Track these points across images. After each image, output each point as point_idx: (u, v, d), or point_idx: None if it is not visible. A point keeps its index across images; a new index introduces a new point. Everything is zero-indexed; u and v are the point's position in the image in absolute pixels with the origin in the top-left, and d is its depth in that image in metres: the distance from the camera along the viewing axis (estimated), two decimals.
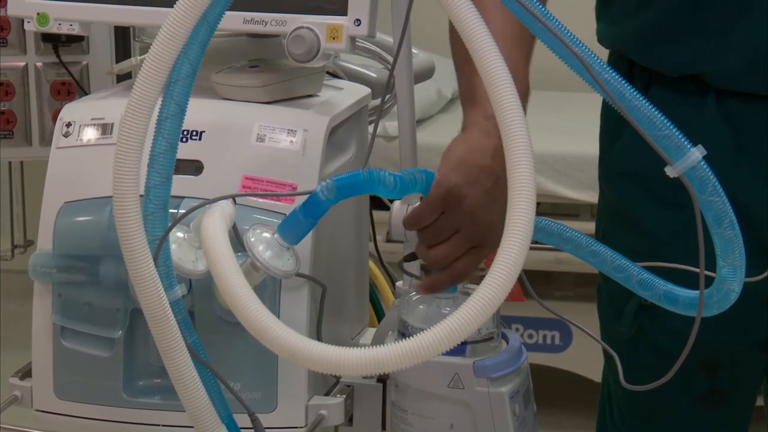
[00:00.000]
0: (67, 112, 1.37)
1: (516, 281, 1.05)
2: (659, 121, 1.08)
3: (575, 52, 1.08)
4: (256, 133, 1.31)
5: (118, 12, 1.37)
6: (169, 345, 1.13)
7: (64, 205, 1.32)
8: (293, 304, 1.28)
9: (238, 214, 1.21)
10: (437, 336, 1.03)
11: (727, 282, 1.13)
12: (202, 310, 1.27)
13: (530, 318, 3.26)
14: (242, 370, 1.28)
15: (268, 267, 1.17)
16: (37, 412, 1.35)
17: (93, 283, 1.29)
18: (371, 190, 1.17)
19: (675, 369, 1.16)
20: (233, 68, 1.38)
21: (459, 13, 1.06)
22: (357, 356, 1.04)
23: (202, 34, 1.12)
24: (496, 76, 1.06)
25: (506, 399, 1.25)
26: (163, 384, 1.27)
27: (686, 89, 1.45)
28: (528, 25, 1.09)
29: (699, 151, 1.08)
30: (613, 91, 1.08)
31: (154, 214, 1.13)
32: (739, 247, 1.11)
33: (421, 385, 1.27)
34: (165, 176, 1.13)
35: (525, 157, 1.05)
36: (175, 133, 1.13)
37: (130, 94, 1.09)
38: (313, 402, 1.31)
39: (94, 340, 1.30)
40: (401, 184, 1.18)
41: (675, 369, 1.16)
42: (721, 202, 1.09)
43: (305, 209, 1.17)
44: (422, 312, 1.27)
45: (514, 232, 1.04)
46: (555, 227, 1.30)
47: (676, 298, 1.21)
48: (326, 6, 1.30)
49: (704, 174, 1.08)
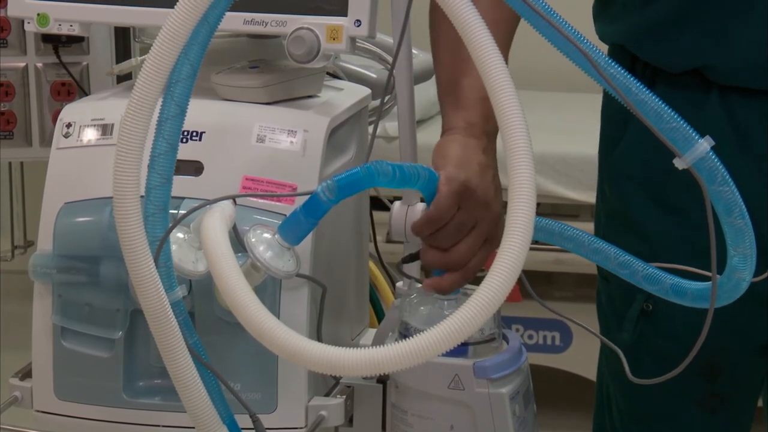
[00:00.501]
0: (68, 113, 1.37)
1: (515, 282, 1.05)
2: (666, 114, 1.08)
3: (581, 48, 1.08)
4: (257, 134, 1.31)
5: (118, 13, 1.37)
6: (170, 346, 1.13)
7: (64, 205, 1.32)
8: (293, 305, 1.28)
9: (239, 214, 1.21)
10: (437, 337, 1.03)
11: (738, 271, 1.13)
12: (203, 310, 1.27)
13: (530, 318, 3.25)
14: (242, 371, 1.28)
15: (268, 267, 1.17)
16: (37, 412, 1.35)
17: (93, 284, 1.29)
18: (373, 184, 1.17)
19: (684, 365, 1.16)
20: (233, 69, 1.38)
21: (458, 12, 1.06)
22: (357, 357, 1.04)
23: (203, 34, 1.12)
24: (497, 78, 1.05)
25: (506, 400, 1.25)
26: (164, 385, 1.27)
27: (689, 85, 1.45)
28: (531, 22, 1.09)
29: (707, 142, 1.08)
30: (619, 85, 1.08)
31: (154, 215, 1.13)
32: (750, 236, 1.11)
33: (421, 386, 1.27)
34: (165, 177, 1.13)
35: (525, 158, 1.05)
36: (176, 134, 1.13)
37: (131, 94, 1.09)
38: (313, 403, 1.31)
39: (94, 341, 1.30)
40: (401, 174, 1.17)
41: (684, 365, 1.16)
42: (731, 192, 1.09)
43: (306, 210, 1.17)
44: (424, 313, 1.27)
45: (515, 232, 1.04)
46: (556, 226, 1.30)
47: (684, 291, 1.21)
48: (326, 7, 1.30)
49: (713, 165, 1.08)
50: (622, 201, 1.52)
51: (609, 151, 1.55)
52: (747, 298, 1.17)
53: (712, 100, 1.44)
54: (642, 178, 1.49)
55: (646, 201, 1.49)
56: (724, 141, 1.41)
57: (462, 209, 1.24)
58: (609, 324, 1.56)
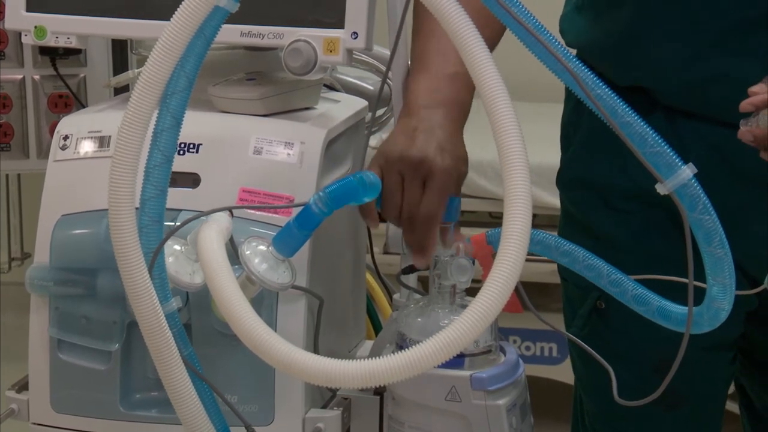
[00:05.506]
0: (65, 125, 1.37)
1: (513, 292, 1.05)
2: (651, 138, 1.08)
3: (568, 68, 1.08)
4: (254, 146, 1.31)
5: (115, 25, 1.38)
6: (164, 357, 1.13)
7: (61, 217, 1.32)
8: (290, 317, 1.28)
9: (235, 226, 1.21)
10: (433, 348, 1.03)
11: (717, 300, 1.14)
12: (199, 322, 1.27)
13: (528, 330, 3.25)
14: (239, 383, 1.27)
15: (263, 280, 1.17)
16: (33, 425, 1.35)
17: (90, 296, 1.29)
18: (365, 194, 1.18)
19: (664, 386, 1.17)
20: (230, 81, 1.38)
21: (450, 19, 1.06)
22: (353, 369, 1.04)
23: (199, 46, 1.13)
24: (493, 90, 1.06)
25: (503, 412, 1.25)
26: (160, 397, 1.26)
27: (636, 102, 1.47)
28: (521, 39, 1.09)
29: (690, 169, 1.08)
30: (605, 106, 1.08)
31: (148, 226, 1.13)
32: (729, 266, 1.12)
33: (418, 398, 1.27)
34: (160, 189, 1.13)
35: (521, 169, 1.06)
36: (171, 146, 1.13)
37: (127, 106, 1.09)
38: (310, 415, 1.31)
39: (90, 353, 1.30)
40: None
41: (664, 386, 1.17)
42: (712, 221, 1.09)
43: (299, 222, 1.17)
44: (420, 324, 1.27)
45: (511, 243, 1.04)
46: (552, 240, 1.30)
47: (669, 314, 1.22)
48: (323, 19, 1.30)
49: (695, 192, 1.08)
50: (575, 204, 1.56)
51: (563, 154, 1.58)
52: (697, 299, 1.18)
53: (657, 120, 1.44)
54: (591, 182, 1.52)
55: (596, 204, 1.52)
56: None
57: (385, 175, 1.29)
58: (567, 321, 1.58)
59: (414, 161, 1.29)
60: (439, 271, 1.27)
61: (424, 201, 1.29)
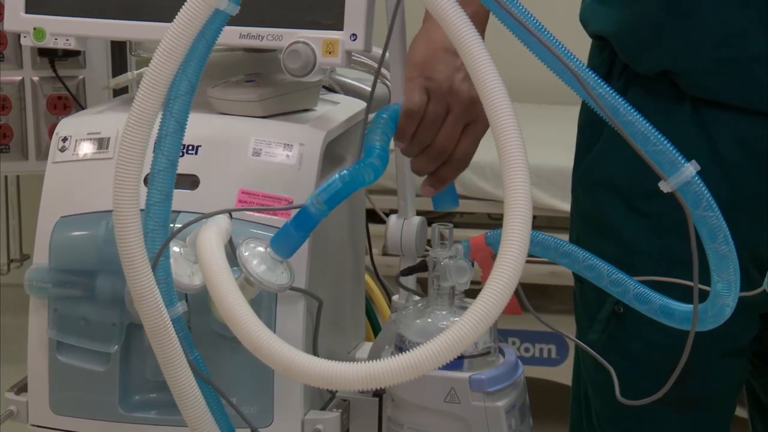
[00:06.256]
0: (64, 127, 1.37)
1: (513, 294, 1.05)
2: (653, 136, 1.08)
3: (569, 67, 1.08)
4: (253, 148, 1.31)
5: (114, 27, 1.38)
6: (170, 360, 1.13)
7: (60, 219, 1.32)
8: (289, 318, 1.28)
9: (234, 228, 1.21)
10: (433, 350, 1.03)
11: (721, 297, 1.14)
12: (198, 324, 1.27)
13: (527, 331, 3.26)
14: (238, 385, 1.27)
15: (261, 282, 1.17)
16: (32, 427, 1.35)
17: (89, 298, 1.29)
18: (362, 185, 1.18)
19: (669, 385, 1.17)
20: (229, 83, 1.38)
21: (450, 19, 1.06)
22: (352, 371, 1.04)
23: (200, 49, 1.13)
24: (492, 90, 1.06)
25: (502, 413, 1.25)
26: (159, 399, 1.26)
27: (663, 93, 1.46)
28: (522, 39, 1.09)
29: (693, 167, 1.08)
30: (606, 105, 1.09)
31: (154, 231, 1.13)
32: (734, 263, 1.12)
33: (417, 400, 1.27)
34: (165, 193, 1.13)
35: (521, 171, 1.05)
36: (175, 150, 1.14)
37: (130, 109, 1.09)
38: (309, 417, 1.31)
39: (90, 355, 1.30)
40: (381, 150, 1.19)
41: (669, 385, 1.17)
42: (715, 218, 1.09)
43: (296, 223, 1.17)
44: (419, 326, 1.27)
45: (511, 245, 1.04)
46: (552, 241, 1.30)
47: (671, 312, 1.22)
48: (322, 21, 1.30)
49: (698, 189, 1.09)
50: (595, 206, 1.55)
51: (583, 156, 1.57)
52: None
53: (684, 111, 1.44)
54: (613, 183, 1.51)
55: (618, 206, 1.51)
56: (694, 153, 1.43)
57: (432, 100, 1.29)
58: (582, 325, 1.58)
59: (466, 101, 1.30)
60: (438, 273, 1.26)
61: (465, 142, 1.30)
